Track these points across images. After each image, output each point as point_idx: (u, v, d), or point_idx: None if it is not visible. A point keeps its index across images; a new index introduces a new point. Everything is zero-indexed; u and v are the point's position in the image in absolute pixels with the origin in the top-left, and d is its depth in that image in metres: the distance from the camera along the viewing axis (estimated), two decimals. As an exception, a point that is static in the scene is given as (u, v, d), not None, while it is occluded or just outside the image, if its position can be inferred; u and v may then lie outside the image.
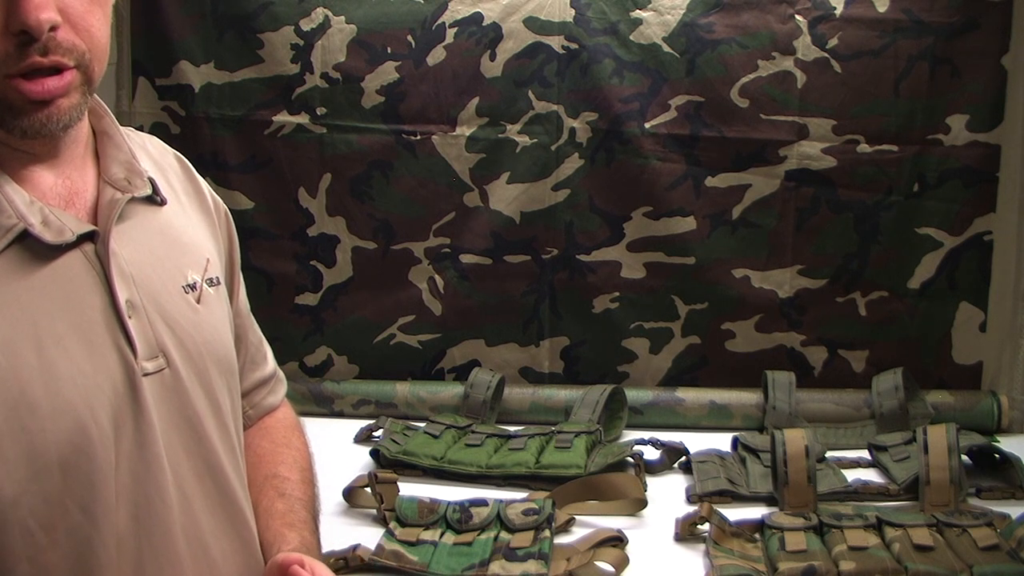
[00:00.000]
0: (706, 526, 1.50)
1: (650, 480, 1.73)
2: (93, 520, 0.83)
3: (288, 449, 1.17)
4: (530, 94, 2.12)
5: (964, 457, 1.67)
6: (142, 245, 0.93)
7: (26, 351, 0.81)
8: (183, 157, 1.10)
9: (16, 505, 0.80)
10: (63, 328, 0.84)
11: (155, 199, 0.97)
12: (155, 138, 1.09)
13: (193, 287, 0.97)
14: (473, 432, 1.92)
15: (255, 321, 1.19)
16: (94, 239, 0.88)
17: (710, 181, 2.12)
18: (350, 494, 1.65)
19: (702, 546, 1.48)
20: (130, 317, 0.88)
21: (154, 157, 1.04)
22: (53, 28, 0.82)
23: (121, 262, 0.89)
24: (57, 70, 0.83)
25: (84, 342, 0.84)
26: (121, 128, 0.98)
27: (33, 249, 0.84)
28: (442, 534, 1.51)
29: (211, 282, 1.00)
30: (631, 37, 2.09)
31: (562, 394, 2.09)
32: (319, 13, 2.13)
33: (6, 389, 0.79)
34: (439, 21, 2.11)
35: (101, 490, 0.84)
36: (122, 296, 0.88)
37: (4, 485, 0.79)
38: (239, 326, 1.12)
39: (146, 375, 0.88)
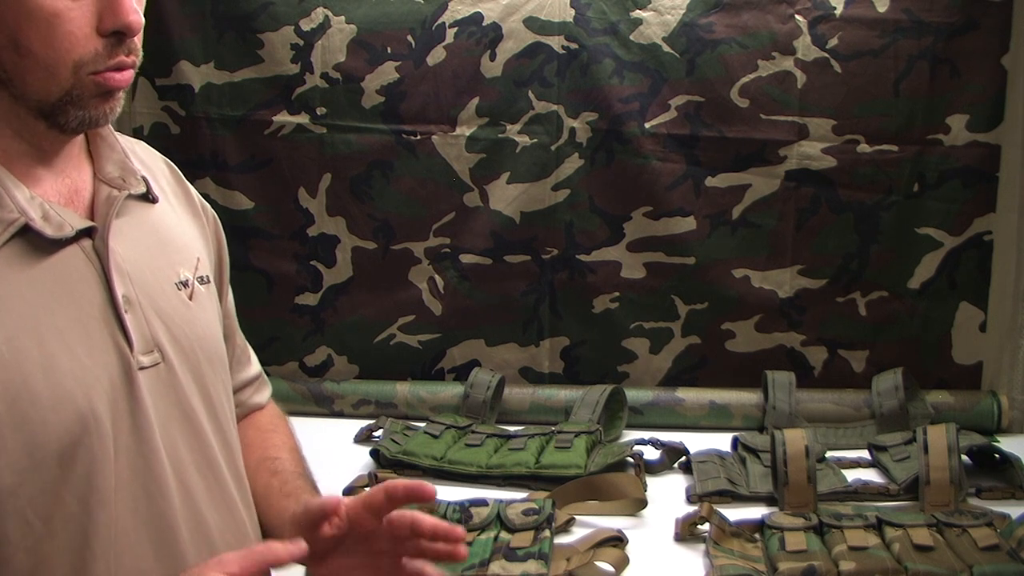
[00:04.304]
0: (706, 526, 1.50)
1: (650, 480, 1.73)
2: (89, 512, 0.84)
3: (275, 434, 1.20)
4: (530, 94, 2.12)
5: (964, 457, 1.67)
6: (137, 242, 0.95)
7: (27, 344, 0.82)
8: (172, 163, 1.12)
9: (15, 495, 0.80)
10: (63, 322, 0.85)
11: (148, 197, 0.99)
12: (143, 143, 1.11)
13: (185, 284, 1.00)
14: (473, 432, 1.92)
15: (239, 326, 1.22)
16: (92, 235, 0.90)
17: (710, 181, 2.12)
18: (350, 494, 1.65)
19: (702, 546, 1.48)
20: (126, 312, 0.89)
21: (143, 160, 1.06)
22: None
23: (118, 258, 0.90)
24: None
25: (83, 336, 0.86)
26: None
27: (34, 244, 0.85)
28: (442, 534, 1.51)
29: (202, 280, 1.03)
30: (631, 37, 2.09)
31: (562, 394, 2.09)
32: (319, 13, 2.12)
33: (9, 380, 0.80)
34: (439, 21, 2.11)
35: (98, 482, 0.84)
36: (119, 291, 0.89)
37: (4, 474, 0.80)
38: (227, 327, 1.14)
39: (142, 369, 0.89)
